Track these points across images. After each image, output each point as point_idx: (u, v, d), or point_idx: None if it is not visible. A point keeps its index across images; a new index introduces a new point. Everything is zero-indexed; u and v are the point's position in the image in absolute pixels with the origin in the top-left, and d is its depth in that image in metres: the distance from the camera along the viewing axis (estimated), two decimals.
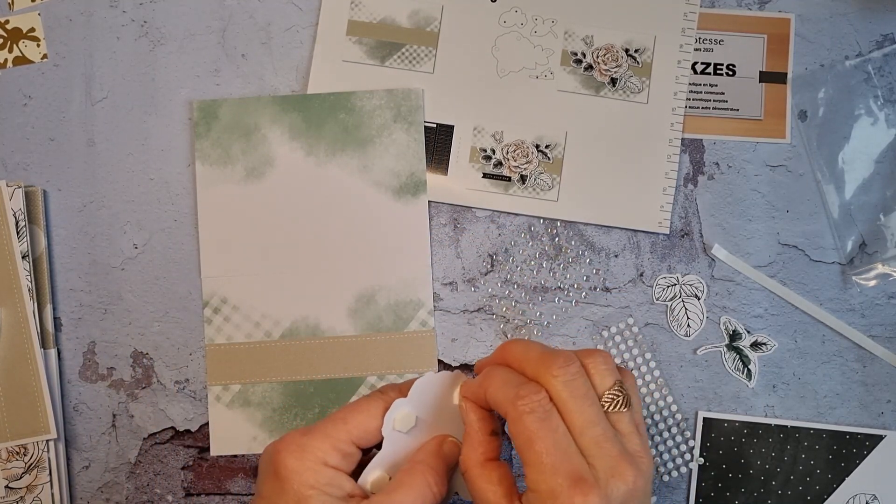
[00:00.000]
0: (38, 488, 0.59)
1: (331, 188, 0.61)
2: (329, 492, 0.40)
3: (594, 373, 0.41)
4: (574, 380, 0.39)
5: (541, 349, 0.41)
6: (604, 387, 0.40)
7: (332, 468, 0.41)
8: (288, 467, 0.40)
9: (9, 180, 0.61)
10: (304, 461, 0.40)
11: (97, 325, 0.61)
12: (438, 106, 0.62)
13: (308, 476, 0.40)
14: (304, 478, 0.40)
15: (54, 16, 0.63)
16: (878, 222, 0.60)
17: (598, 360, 0.41)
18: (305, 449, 0.41)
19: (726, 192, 0.61)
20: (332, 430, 0.42)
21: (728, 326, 0.60)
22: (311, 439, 0.41)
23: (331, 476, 0.41)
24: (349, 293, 0.61)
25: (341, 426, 0.42)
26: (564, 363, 0.39)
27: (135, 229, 0.62)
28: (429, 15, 0.62)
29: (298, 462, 0.40)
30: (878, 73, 0.61)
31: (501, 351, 0.43)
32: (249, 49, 0.63)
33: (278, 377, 0.60)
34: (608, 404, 0.40)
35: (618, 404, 0.40)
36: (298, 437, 0.41)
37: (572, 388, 0.39)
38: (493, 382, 0.41)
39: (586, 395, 0.39)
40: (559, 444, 0.38)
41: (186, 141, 0.62)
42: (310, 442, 0.41)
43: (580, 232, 0.61)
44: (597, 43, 0.62)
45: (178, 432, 0.61)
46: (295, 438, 0.41)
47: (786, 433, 0.59)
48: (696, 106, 0.62)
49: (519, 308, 0.61)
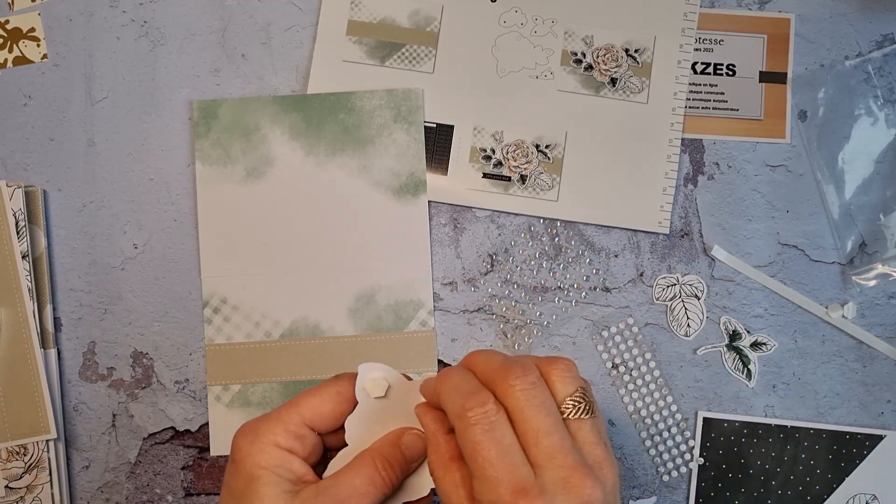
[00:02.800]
0: (38, 488, 0.59)
1: (331, 188, 0.61)
2: (279, 472, 0.41)
3: (555, 380, 0.40)
4: (531, 388, 0.39)
5: (501, 359, 0.40)
6: (564, 393, 0.39)
7: (284, 450, 0.42)
8: (241, 450, 0.42)
9: (9, 180, 0.61)
10: (255, 443, 0.42)
11: (97, 325, 0.61)
12: (438, 106, 0.62)
13: (259, 457, 0.41)
14: (255, 459, 0.41)
15: (54, 16, 0.63)
16: (878, 222, 0.60)
17: (559, 367, 0.40)
18: (258, 432, 0.42)
19: (726, 192, 0.61)
20: (285, 414, 0.43)
21: (728, 326, 0.60)
22: (264, 423, 0.43)
23: (281, 457, 0.42)
24: (349, 293, 0.61)
25: (294, 409, 0.43)
26: (521, 372, 0.39)
27: (135, 229, 0.62)
28: (429, 15, 0.62)
29: (250, 444, 0.42)
30: (878, 73, 0.61)
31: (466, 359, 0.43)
32: (249, 49, 0.63)
33: (278, 377, 0.60)
34: (568, 411, 0.39)
35: (579, 411, 0.39)
36: (253, 422, 0.43)
37: (529, 396, 0.38)
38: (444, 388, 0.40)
39: (542, 405, 0.38)
40: (504, 456, 0.37)
41: (186, 141, 0.62)
42: (263, 425, 0.42)
43: (580, 232, 0.61)
44: (597, 43, 0.62)
45: (178, 432, 0.61)
46: (249, 424, 0.43)
47: (786, 433, 0.59)
48: (696, 106, 0.62)
49: (519, 308, 0.61)
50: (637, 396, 0.60)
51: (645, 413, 0.60)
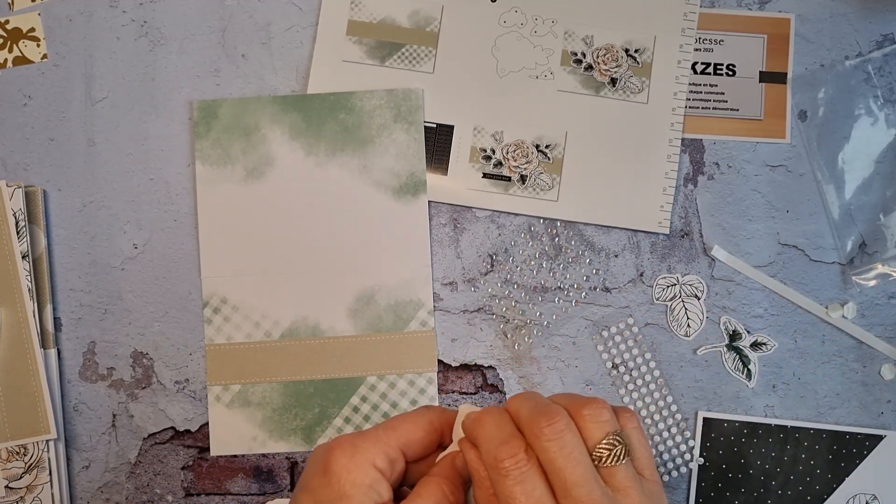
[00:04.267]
0: (38, 488, 0.59)
1: (331, 188, 0.61)
2: (370, 494, 0.41)
3: (584, 426, 0.39)
4: (559, 438, 0.38)
5: (532, 405, 0.40)
6: (595, 440, 0.39)
7: (378, 471, 0.42)
8: (340, 464, 0.42)
9: (9, 180, 0.61)
10: (355, 460, 0.42)
11: (97, 325, 0.61)
12: (438, 106, 0.62)
13: (356, 474, 0.41)
14: (353, 475, 0.41)
15: (54, 16, 0.63)
16: (878, 222, 0.60)
17: (590, 411, 0.40)
18: (358, 449, 0.42)
19: (726, 192, 0.61)
20: (383, 435, 0.43)
21: (728, 326, 0.60)
22: (363, 441, 0.43)
23: (376, 479, 0.42)
24: (349, 293, 0.61)
25: (391, 432, 0.43)
26: (549, 420, 0.39)
27: (135, 229, 0.62)
28: (429, 15, 0.62)
29: (349, 459, 0.42)
30: (878, 73, 0.61)
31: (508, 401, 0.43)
32: (249, 49, 0.63)
33: (278, 377, 0.60)
34: (600, 459, 0.39)
35: (612, 457, 0.39)
36: (352, 438, 0.43)
37: (558, 446, 0.38)
38: (480, 435, 0.41)
39: (571, 454, 0.38)
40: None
41: (186, 141, 0.62)
42: (362, 443, 0.42)
43: (580, 232, 0.61)
44: (597, 43, 0.62)
45: (178, 432, 0.61)
46: (349, 439, 0.43)
47: (786, 433, 0.59)
48: (696, 106, 0.62)
49: (519, 308, 0.61)
50: (637, 396, 0.60)
51: (645, 413, 0.60)
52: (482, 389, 0.60)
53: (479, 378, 0.61)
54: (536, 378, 0.60)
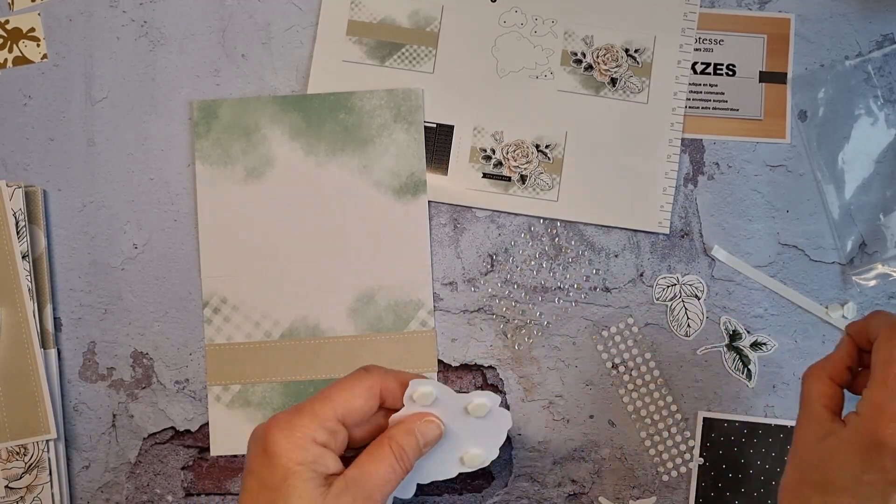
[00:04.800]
0: (38, 488, 0.59)
1: (331, 188, 0.61)
2: (315, 468, 0.42)
3: None
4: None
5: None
6: None
7: (320, 445, 0.43)
8: (277, 443, 0.42)
9: (9, 180, 0.61)
10: (292, 438, 0.42)
11: (97, 325, 0.61)
12: (438, 106, 0.62)
13: (297, 453, 0.42)
14: (293, 454, 0.42)
15: (54, 16, 0.63)
16: (878, 222, 0.60)
17: None
18: (294, 427, 0.43)
19: (726, 192, 0.61)
20: (319, 409, 0.44)
21: (728, 326, 0.60)
22: (300, 418, 0.43)
23: (318, 453, 0.42)
24: (349, 293, 0.61)
25: (327, 403, 0.44)
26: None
27: (135, 229, 0.62)
28: (429, 15, 0.62)
29: (287, 439, 0.42)
30: (878, 73, 0.61)
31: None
32: (249, 49, 0.63)
33: (278, 377, 0.60)
34: None
35: None
36: (288, 416, 0.43)
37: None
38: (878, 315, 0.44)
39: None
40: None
41: (186, 141, 0.62)
42: (299, 420, 0.43)
43: (580, 232, 0.61)
44: (597, 43, 0.62)
45: (178, 432, 0.61)
46: (284, 417, 0.43)
47: (786, 433, 0.59)
48: (696, 106, 0.62)
49: (519, 308, 0.61)
50: (637, 396, 0.60)
51: (645, 413, 0.60)
52: (482, 389, 0.60)
53: (479, 378, 0.61)
54: (536, 378, 0.60)
